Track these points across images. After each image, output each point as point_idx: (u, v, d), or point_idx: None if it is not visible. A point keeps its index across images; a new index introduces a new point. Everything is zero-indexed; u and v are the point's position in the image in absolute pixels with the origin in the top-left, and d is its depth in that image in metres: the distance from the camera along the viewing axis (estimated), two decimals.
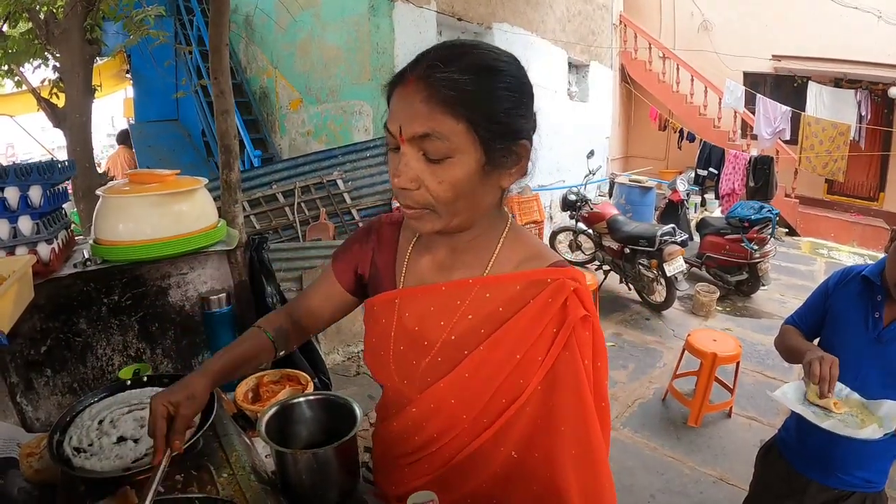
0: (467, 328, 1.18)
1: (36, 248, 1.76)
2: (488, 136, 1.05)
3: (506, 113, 1.07)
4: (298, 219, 6.71)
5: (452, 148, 1.04)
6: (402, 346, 1.26)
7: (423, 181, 1.06)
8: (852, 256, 10.05)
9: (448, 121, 1.02)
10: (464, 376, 1.16)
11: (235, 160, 2.58)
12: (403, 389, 1.27)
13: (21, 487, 1.46)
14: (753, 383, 5.27)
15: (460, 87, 1.02)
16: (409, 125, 1.04)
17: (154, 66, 8.44)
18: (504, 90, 1.07)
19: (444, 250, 1.27)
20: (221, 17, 2.56)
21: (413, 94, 1.04)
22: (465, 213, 1.12)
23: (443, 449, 1.22)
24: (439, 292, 1.23)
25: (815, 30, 11.61)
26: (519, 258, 1.22)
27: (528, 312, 1.13)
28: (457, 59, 1.05)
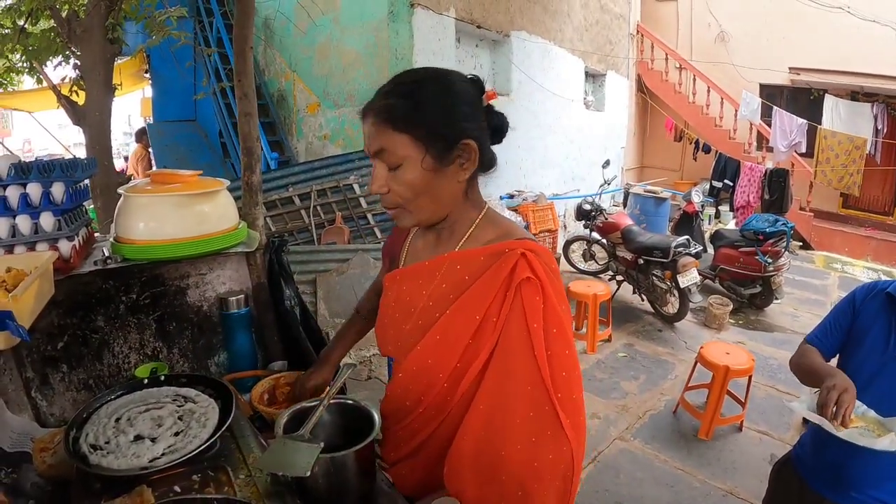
0: (441, 294, 1.38)
1: (57, 245, 1.76)
2: (428, 141, 1.29)
3: (438, 121, 1.30)
4: (314, 222, 6.74)
5: (401, 156, 1.29)
6: (396, 314, 1.49)
7: (390, 186, 1.33)
8: (866, 271, 9.97)
9: (392, 136, 1.29)
10: (436, 338, 1.34)
11: (257, 162, 2.59)
12: (397, 354, 1.49)
13: (34, 482, 1.46)
14: (765, 397, 5.24)
15: (398, 109, 1.29)
16: (370, 145, 1.33)
17: (175, 66, 8.51)
18: (434, 103, 1.30)
19: (431, 235, 1.50)
20: (246, 20, 2.57)
21: (368, 120, 1.33)
22: (431, 205, 1.37)
23: (427, 410, 1.37)
24: (424, 267, 1.45)
25: (833, 42, 11.56)
26: (489, 237, 1.41)
27: (485, 276, 1.32)
28: (397, 87, 1.33)
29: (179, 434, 1.44)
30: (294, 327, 2.26)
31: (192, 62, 8.99)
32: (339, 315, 5.59)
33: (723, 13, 13.32)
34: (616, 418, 4.88)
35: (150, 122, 11.49)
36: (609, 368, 5.85)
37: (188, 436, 1.43)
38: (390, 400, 1.47)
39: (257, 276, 2.32)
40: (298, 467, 1.23)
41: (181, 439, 1.42)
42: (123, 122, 24.88)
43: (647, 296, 7.28)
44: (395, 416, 1.45)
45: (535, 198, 8.34)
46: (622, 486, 3.99)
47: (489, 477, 1.23)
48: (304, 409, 1.47)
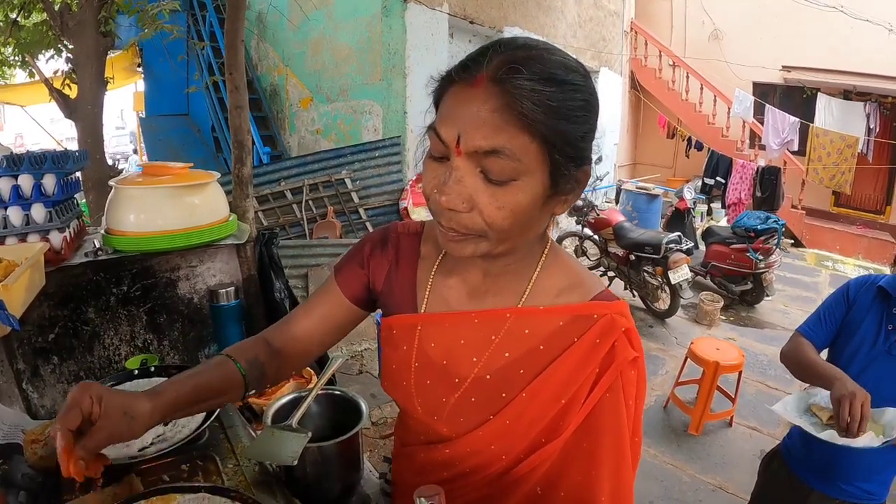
0: (504, 366, 1.06)
1: (48, 236, 1.77)
2: (561, 159, 0.89)
3: (581, 135, 0.92)
4: (306, 216, 6.74)
5: (521, 170, 0.87)
6: (427, 380, 1.13)
7: (476, 203, 0.89)
8: (857, 269, 10.00)
9: (523, 138, 0.85)
10: (505, 423, 1.05)
11: (248, 155, 2.59)
12: (431, 423, 1.15)
13: (25, 473, 1.46)
14: (755, 393, 5.26)
15: (543, 100, 0.84)
16: (473, 136, 0.86)
17: (167, 60, 8.49)
18: (581, 109, 0.90)
19: (476, 274, 1.11)
20: (238, 13, 2.57)
21: (483, 98, 0.86)
22: (515, 240, 0.98)
23: (474, 483, 1.11)
24: (470, 322, 1.10)
25: (826, 41, 11.58)
26: (559, 286, 1.08)
27: (574, 354, 1.01)
28: (535, 62, 0.86)
29: (168, 424, 1.45)
30: None
31: (185, 56, 8.98)
32: None
33: (716, 11, 13.31)
34: None
35: (143, 116, 11.47)
36: None
37: (177, 425, 1.44)
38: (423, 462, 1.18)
39: (248, 268, 2.33)
40: (286, 456, 1.23)
41: (170, 429, 1.43)
42: (116, 117, 24.79)
43: (638, 292, 7.30)
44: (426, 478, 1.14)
45: None
46: None
47: None
48: (293, 399, 1.48)
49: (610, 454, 1.01)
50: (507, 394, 1.04)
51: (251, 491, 1.27)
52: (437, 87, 0.95)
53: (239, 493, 1.18)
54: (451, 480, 1.12)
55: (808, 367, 2.12)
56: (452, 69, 0.92)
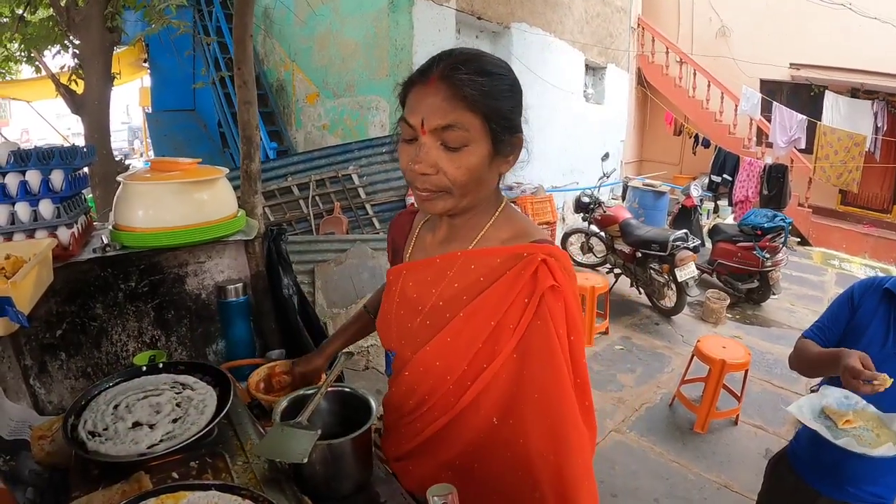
0: (453, 294, 1.33)
1: (56, 232, 1.77)
2: (497, 128, 1.22)
3: (510, 110, 1.25)
4: (312, 212, 6.74)
5: (469, 138, 1.20)
6: (402, 311, 1.43)
7: (440, 167, 1.21)
8: (864, 268, 9.98)
9: (468, 115, 1.18)
10: (446, 340, 1.29)
11: (256, 151, 2.58)
12: (401, 351, 1.43)
13: (32, 470, 1.47)
14: (761, 392, 5.25)
15: (478, 87, 1.18)
16: (433, 118, 1.18)
17: (173, 55, 8.50)
18: (507, 91, 1.25)
19: (443, 228, 1.42)
20: (246, 8, 2.56)
21: (436, 91, 1.19)
22: (473, 194, 1.28)
23: (431, 410, 1.35)
24: (434, 263, 1.39)
25: (834, 39, 11.53)
26: (505, 236, 1.35)
27: (503, 281, 1.26)
28: (471, 62, 1.21)
29: (178, 421, 1.45)
30: (292, 316, 2.27)
31: (192, 51, 8.98)
32: (336, 305, 5.59)
33: (724, 8, 13.27)
34: (612, 411, 4.90)
35: (149, 112, 11.48)
36: (606, 361, 5.87)
37: (186, 422, 1.43)
38: (393, 395, 1.45)
39: (256, 264, 2.33)
40: (295, 454, 1.23)
41: (179, 426, 1.43)
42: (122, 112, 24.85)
43: (644, 289, 7.29)
44: (398, 412, 1.44)
45: (533, 190, 8.31)
46: (617, 478, 4.01)
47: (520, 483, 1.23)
48: (302, 396, 1.48)
49: (545, 378, 1.21)
50: (451, 315, 1.31)
51: (261, 488, 1.26)
52: (402, 90, 1.29)
53: (249, 491, 1.17)
54: (413, 411, 1.39)
55: (814, 360, 2.14)
56: (412, 75, 1.26)
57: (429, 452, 1.39)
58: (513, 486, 1.25)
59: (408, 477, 1.44)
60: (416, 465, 1.42)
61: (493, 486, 1.28)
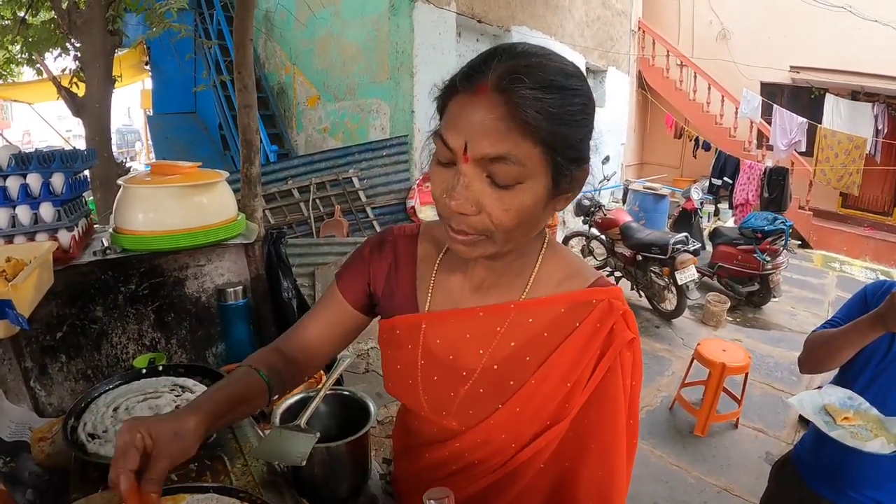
0: (509, 355, 1.10)
1: (57, 235, 1.77)
2: (562, 161, 0.93)
3: (581, 138, 0.96)
4: (313, 215, 6.75)
5: (526, 174, 0.91)
6: (434, 376, 1.17)
7: (484, 206, 0.93)
8: (865, 271, 9.97)
9: (527, 144, 0.89)
10: (515, 411, 1.08)
11: (256, 155, 2.60)
12: (439, 420, 1.18)
13: (32, 471, 1.47)
14: (761, 395, 5.25)
15: (545, 108, 0.88)
16: (480, 143, 0.89)
17: (175, 58, 8.50)
18: (580, 112, 0.94)
19: (479, 270, 1.14)
20: (247, 13, 2.57)
21: (488, 107, 0.89)
22: (521, 238, 1.02)
23: (482, 472, 1.15)
24: (475, 317, 1.13)
25: (834, 42, 11.55)
26: (559, 277, 1.13)
27: (577, 339, 1.06)
28: (535, 71, 0.89)
29: None
30: (291, 319, 2.27)
31: (193, 54, 9.00)
32: None
33: (724, 11, 13.30)
34: None
35: (150, 115, 11.50)
36: None
37: None
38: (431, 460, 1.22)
39: (255, 267, 2.33)
40: (294, 456, 1.23)
41: None
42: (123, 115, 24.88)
43: (644, 292, 7.29)
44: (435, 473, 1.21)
45: None
46: None
47: None
48: (301, 399, 1.48)
49: (606, 430, 1.08)
50: (515, 381, 1.09)
51: (259, 491, 1.26)
52: (441, 95, 0.98)
53: (247, 493, 1.18)
54: (458, 472, 1.17)
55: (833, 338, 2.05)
56: (456, 78, 0.95)
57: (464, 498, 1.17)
58: None
59: None
60: None
61: None
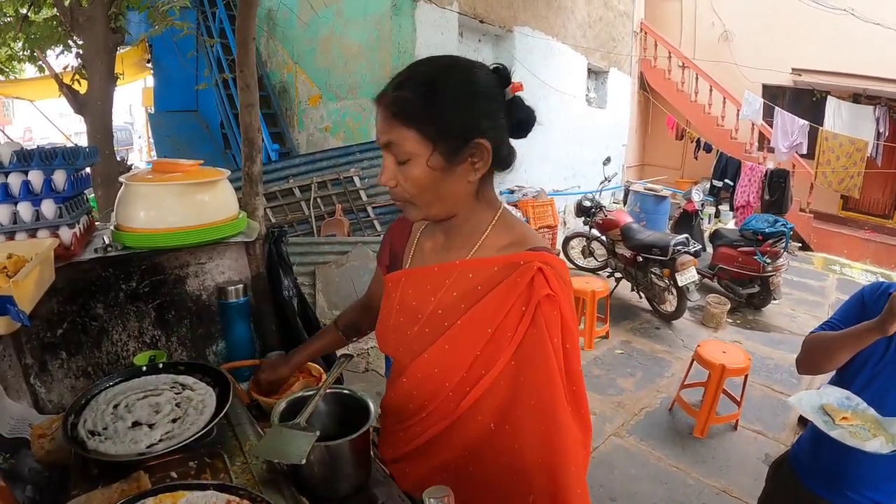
0: (451, 302, 1.35)
1: (58, 232, 1.77)
2: (438, 138, 1.23)
3: (451, 118, 1.24)
4: (314, 214, 6.75)
5: (409, 151, 1.24)
6: (401, 318, 1.45)
7: (398, 180, 1.29)
8: (865, 274, 9.97)
9: (401, 130, 1.24)
10: (444, 347, 1.33)
11: (258, 153, 2.60)
12: (399, 357, 1.47)
13: (31, 468, 1.47)
14: (761, 397, 5.25)
15: (410, 102, 1.23)
16: (380, 136, 1.28)
17: (177, 56, 8.50)
18: (450, 99, 1.23)
19: (440, 236, 1.45)
20: (249, 11, 2.57)
21: (380, 111, 1.28)
22: (438, 203, 1.32)
23: (430, 415, 1.38)
24: (433, 272, 1.41)
25: (836, 44, 11.54)
26: (503, 243, 1.37)
27: (500, 289, 1.28)
28: (409, 78, 1.26)
29: (177, 421, 1.45)
30: (292, 318, 2.28)
31: (195, 52, 8.99)
32: (337, 307, 5.60)
33: (726, 12, 13.30)
34: (612, 415, 4.90)
35: (152, 112, 11.50)
36: (606, 365, 5.87)
37: (185, 423, 1.44)
38: (391, 400, 1.48)
39: (256, 266, 2.33)
40: (294, 455, 1.24)
41: (178, 426, 1.43)
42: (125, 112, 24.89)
43: (645, 293, 7.30)
44: (397, 417, 1.47)
45: (535, 193, 8.32)
46: (616, 482, 4.01)
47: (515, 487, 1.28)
48: (301, 398, 1.48)
49: (540, 385, 1.24)
50: (448, 323, 1.34)
51: (259, 489, 1.26)
52: None
53: (247, 491, 1.18)
54: (412, 416, 1.42)
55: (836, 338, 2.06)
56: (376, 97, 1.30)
57: (426, 455, 1.42)
58: (507, 489, 1.29)
59: (404, 478, 1.47)
60: (413, 466, 1.45)
61: (488, 489, 1.32)
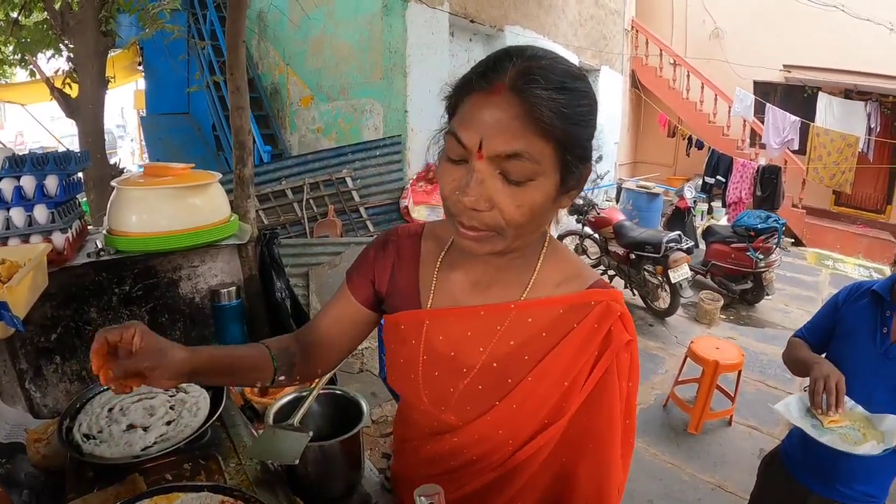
0: (508, 353, 1.12)
1: (51, 237, 1.78)
2: (571, 160, 0.97)
3: (588, 137, 1.00)
4: (307, 215, 6.75)
5: (538, 171, 0.94)
6: (435, 371, 1.19)
7: (496, 202, 0.95)
8: (858, 269, 10.01)
9: (541, 143, 0.92)
10: (512, 407, 1.11)
11: (249, 156, 2.60)
12: (438, 414, 1.20)
13: (28, 472, 1.48)
14: (755, 392, 5.27)
15: (558, 108, 0.91)
16: (495, 141, 0.91)
17: (168, 59, 8.48)
18: (588, 113, 0.99)
19: (480, 268, 1.17)
20: (239, 14, 2.58)
21: (505, 106, 0.91)
22: (529, 235, 1.05)
23: (481, 470, 1.18)
24: (476, 316, 1.15)
25: (827, 40, 11.58)
26: (559, 278, 1.15)
27: (575, 339, 1.09)
28: (548, 72, 0.93)
29: (171, 423, 1.46)
30: (285, 319, 2.29)
31: (186, 55, 8.98)
32: None
33: (718, 10, 13.30)
34: None
35: (144, 115, 11.48)
36: None
37: (179, 425, 1.45)
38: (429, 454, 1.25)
39: (249, 268, 2.34)
40: (287, 455, 1.25)
41: (173, 428, 1.44)
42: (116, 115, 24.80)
43: (638, 290, 7.31)
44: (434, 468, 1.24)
45: None
46: None
47: None
48: (294, 399, 1.49)
49: (602, 431, 1.10)
50: (513, 379, 1.11)
51: (253, 490, 1.28)
52: (454, 94, 1.01)
53: (241, 492, 1.19)
54: (457, 469, 1.20)
55: (797, 360, 2.20)
56: (472, 77, 0.97)
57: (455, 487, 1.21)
58: None
59: None
60: None
61: None
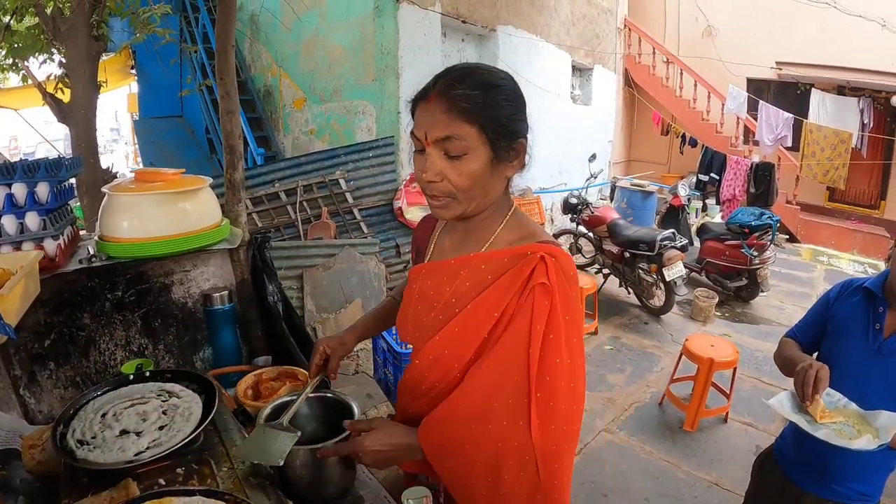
0: (464, 291, 1.41)
1: (42, 244, 1.78)
2: (494, 136, 1.30)
3: (507, 118, 1.32)
4: (300, 217, 6.74)
5: (468, 146, 1.28)
6: (419, 307, 1.52)
7: (445, 175, 1.31)
8: (852, 264, 10.04)
9: (464, 126, 1.27)
10: (454, 330, 1.40)
11: (240, 160, 2.60)
12: (415, 342, 1.54)
13: (23, 478, 1.48)
14: (750, 389, 5.29)
15: (472, 100, 1.27)
16: (433, 131, 1.29)
17: (159, 62, 8.46)
18: (504, 100, 1.32)
19: (459, 232, 1.52)
20: (228, 18, 2.58)
21: (435, 106, 1.30)
22: (479, 198, 1.36)
23: (439, 394, 1.42)
24: (449, 264, 1.48)
25: (820, 37, 11.61)
26: (514, 237, 1.44)
27: (505, 277, 1.36)
28: (467, 78, 1.30)
29: (164, 428, 1.47)
30: (277, 323, 2.29)
31: (178, 59, 8.96)
32: (325, 310, 5.60)
33: (710, 8, 13.34)
34: (602, 410, 4.92)
35: (137, 119, 11.46)
36: (595, 361, 5.89)
37: (172, 430, 1.46)
38: (406, 381, 1.54)
39: (241, 272, 2.34)
40: (273, 456, 1.27)
41: (165, 433, 1.45)
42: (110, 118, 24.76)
43: (633, 289, 7.33)
44: (410, 395, 1.52)
45: (521, 192, 8.32)
46: (607, 478, 4.03)
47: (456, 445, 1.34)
48: (287, 401, 1.50)
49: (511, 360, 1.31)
50: (460, 309, 1.40)
51: (245, 494, 1.28)
52: (411, 106, 1.38)
53: (233, 496, 1.19)
54: (424, 394, 1.47)
55: (788, 360, 2.20)
56: (417, 93, 1.36)
57: None
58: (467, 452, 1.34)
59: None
60: None
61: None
